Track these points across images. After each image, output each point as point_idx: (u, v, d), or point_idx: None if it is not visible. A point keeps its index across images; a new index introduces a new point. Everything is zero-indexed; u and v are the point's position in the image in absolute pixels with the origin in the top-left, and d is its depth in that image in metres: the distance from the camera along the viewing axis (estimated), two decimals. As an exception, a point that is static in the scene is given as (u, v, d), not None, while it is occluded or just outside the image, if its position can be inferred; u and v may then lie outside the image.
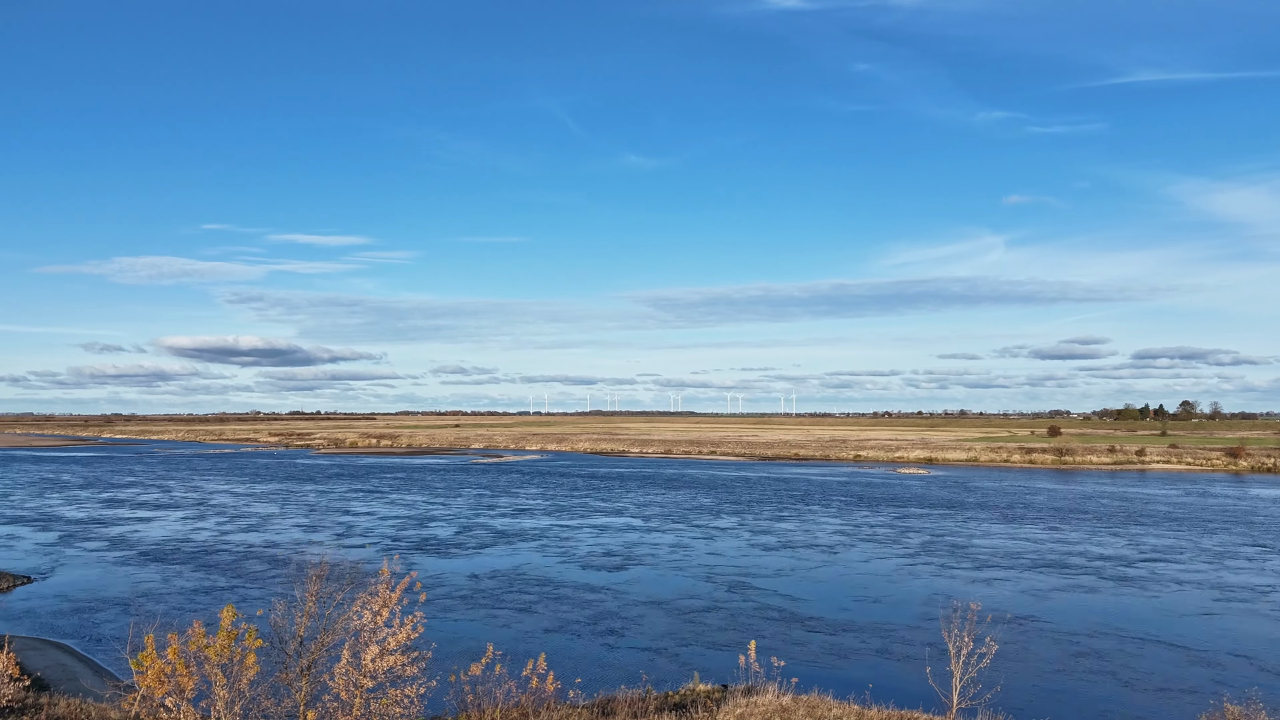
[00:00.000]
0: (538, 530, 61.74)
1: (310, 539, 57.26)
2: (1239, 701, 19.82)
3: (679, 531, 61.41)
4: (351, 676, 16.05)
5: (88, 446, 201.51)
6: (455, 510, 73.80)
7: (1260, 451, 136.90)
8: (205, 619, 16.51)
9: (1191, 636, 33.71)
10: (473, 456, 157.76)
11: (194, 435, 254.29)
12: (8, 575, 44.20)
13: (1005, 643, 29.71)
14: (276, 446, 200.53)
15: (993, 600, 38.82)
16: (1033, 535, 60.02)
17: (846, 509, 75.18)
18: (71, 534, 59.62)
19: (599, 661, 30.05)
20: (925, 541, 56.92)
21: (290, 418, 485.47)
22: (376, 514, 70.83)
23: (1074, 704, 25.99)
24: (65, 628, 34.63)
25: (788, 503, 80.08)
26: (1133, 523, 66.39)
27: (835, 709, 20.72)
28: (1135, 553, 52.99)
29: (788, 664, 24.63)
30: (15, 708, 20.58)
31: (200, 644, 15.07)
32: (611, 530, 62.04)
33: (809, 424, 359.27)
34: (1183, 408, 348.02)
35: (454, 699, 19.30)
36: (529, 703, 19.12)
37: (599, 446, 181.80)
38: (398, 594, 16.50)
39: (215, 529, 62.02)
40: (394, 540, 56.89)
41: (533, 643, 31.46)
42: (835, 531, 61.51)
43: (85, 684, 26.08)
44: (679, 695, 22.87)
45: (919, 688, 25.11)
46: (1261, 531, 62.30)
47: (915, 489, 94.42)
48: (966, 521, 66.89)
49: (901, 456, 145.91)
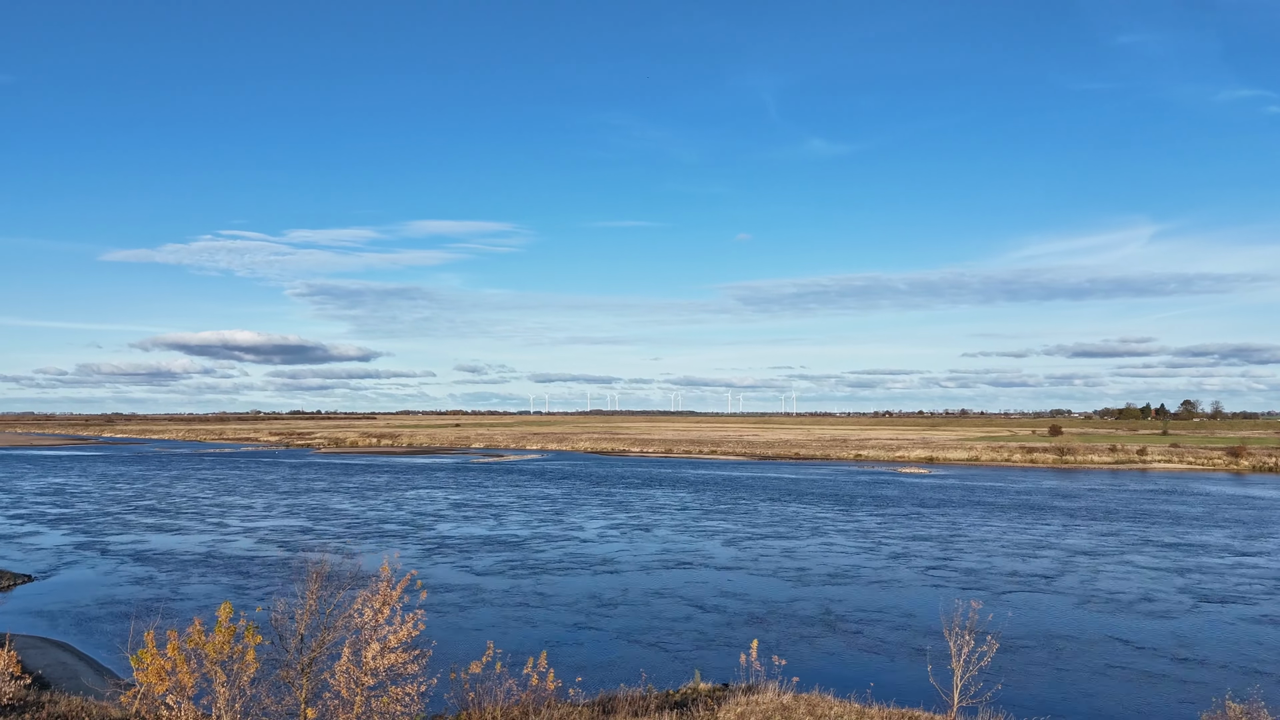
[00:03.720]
0: (537, 529, 61.72)
1: (310, 538, 57.24)
2: (1240, 700, 19.78)
3: (679, 530, 61.38)
4: (352, 674, 16.02)
5: (88, 446, 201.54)
6: (455, 510, 73.79)
7: (1262, 451, 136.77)
8: (205, 617, 16.49)
9: (1192, 635, 33.67)
10: (473, 456, 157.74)
11: (194, 435, 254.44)
12: (8, 574, 44.21)
13: (1007, 641, 29.70)
14: (277, 446, 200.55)
15: (994, 599, 38.78)
16: (1033, 534, 59.98)
17: (846, 508, 75.13)
18: (71, 533, 59.63)
19: (599, 660, 30.03)
20: (925, 541, 56.88)
21: (291, 417, 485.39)
22: (376, 514, 70.82)
23: (1075, 702, 25.96)
24: (66, 626, 34.63)
25: (788, 502, 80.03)
26: (1133, 521, 66.34)
27: (836, 707, 20.69)
28: (1135, 552, 52.95)
29: (789, 662, 24.58)
30: (16, 705, 20.58)
31: (200, 641, 15.05)
32: (611, 529, 62.01)
33: (809, 423, 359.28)
34: (1184, 407, 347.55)
35: (455, 697, 19.28)
36: (529, 701, 19.10)
37: (599, 446, 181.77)
38: (398, 592, 16.49)
39: (215, 528, 62.02)
40: (393, 539, 56.88)
41: (533, 641, 31.43)
42: (835, 531, 61.48)
43: (86, 682, 26.07)
44: (680, 694, 22.85)
45: (920, 686, 25.08)
46: (1261, 531, 62.26)
47: (916, 488, 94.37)
48: (967, 521, 66.84)
49: (902, 456, 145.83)
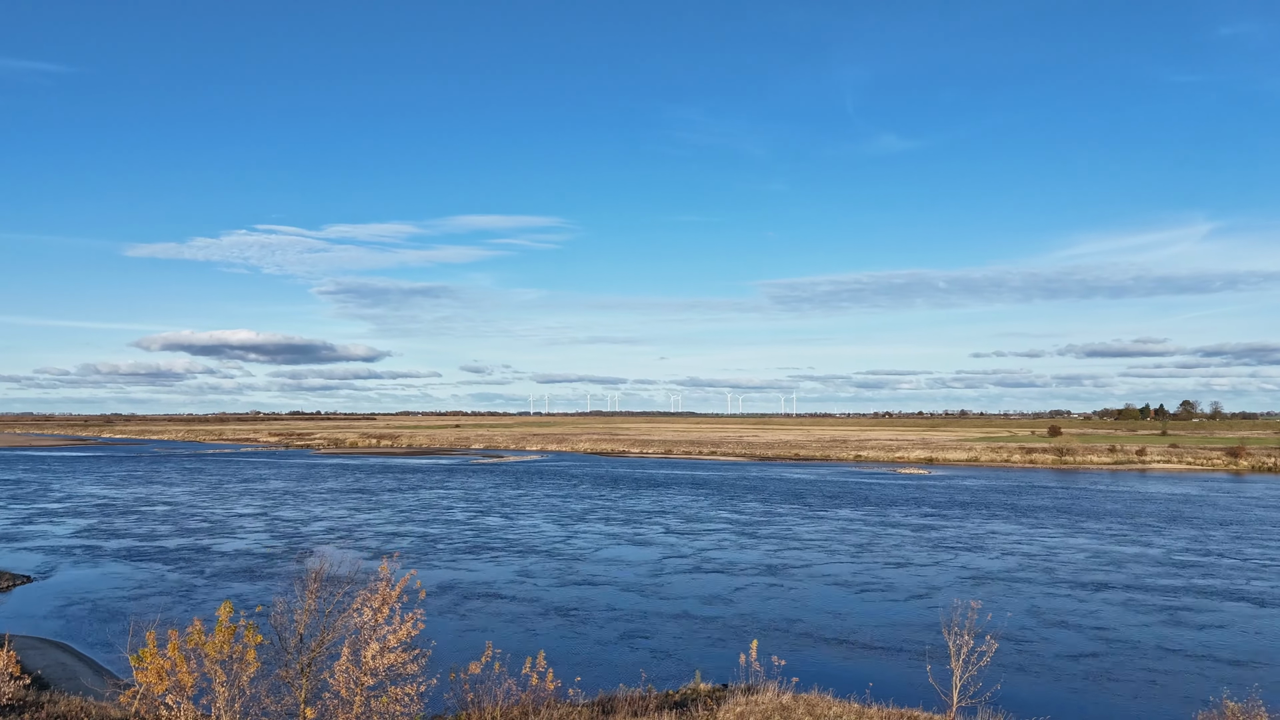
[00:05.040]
0: (536, 530, 61.71)
1: (309, 538, 57.23)
2: (1238, 699, 19.81)
3: (679, 531, 61.38)
4: (351, 674, 16.04)
5: (87, 446, 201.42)
6: (454, 510, 73.77)
7: (1260, 451, 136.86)
8: (205, 617, 16.50)
9: (1191, 635, 33.69)
10: (472, 457, 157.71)
11: (193, 435, 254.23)
12: (7, 574, 44.20)
13: (1006, 641, 29.71)
14: (276, 447, 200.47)
15: (993, 599, 38.79)
16: (1032, 535, 59.99)
17: (846, 509, 75.14)
18: (71, 533, 59.61)
19: (599, 660, 30.04)
20: (925, 540, 56.89)
21: (290, 418, 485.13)
22: (375, 514, 70.81)
23: (1074, 702, 25.98)
24: (65, 627, 34.63)
25: (787, 502, 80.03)
26: (1132, 522, 66.36)
27: (835, 707, 20.70)
28: (1136, 552, 52.97)
29: (788, 663, 24.59)
30: (16, 705, 20.58)
31: (200, 641, 15.05)
32: (611, 529, 62.00)
33: (809, 424, 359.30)
34: (1183, 407, 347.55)
35: (454, 697, 19.29)
36: (529, 701, 19.11)
37: (599, 447, 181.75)
38: (397, 592, 16.50)
39: (214, 529, 61.99)
40: (392, 539, 56.86)
41: (532, 641, 31.42)
42: (835, 531, 61.48)
43: (85, 682, 26.07)
44: (679, 694, 22.86)
45: (919, 686, 25.10)
46: (1261, 531, 62.28)
47: (915, 489, 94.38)
48: (966, 521, 66.86)
49: (902, 457, 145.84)
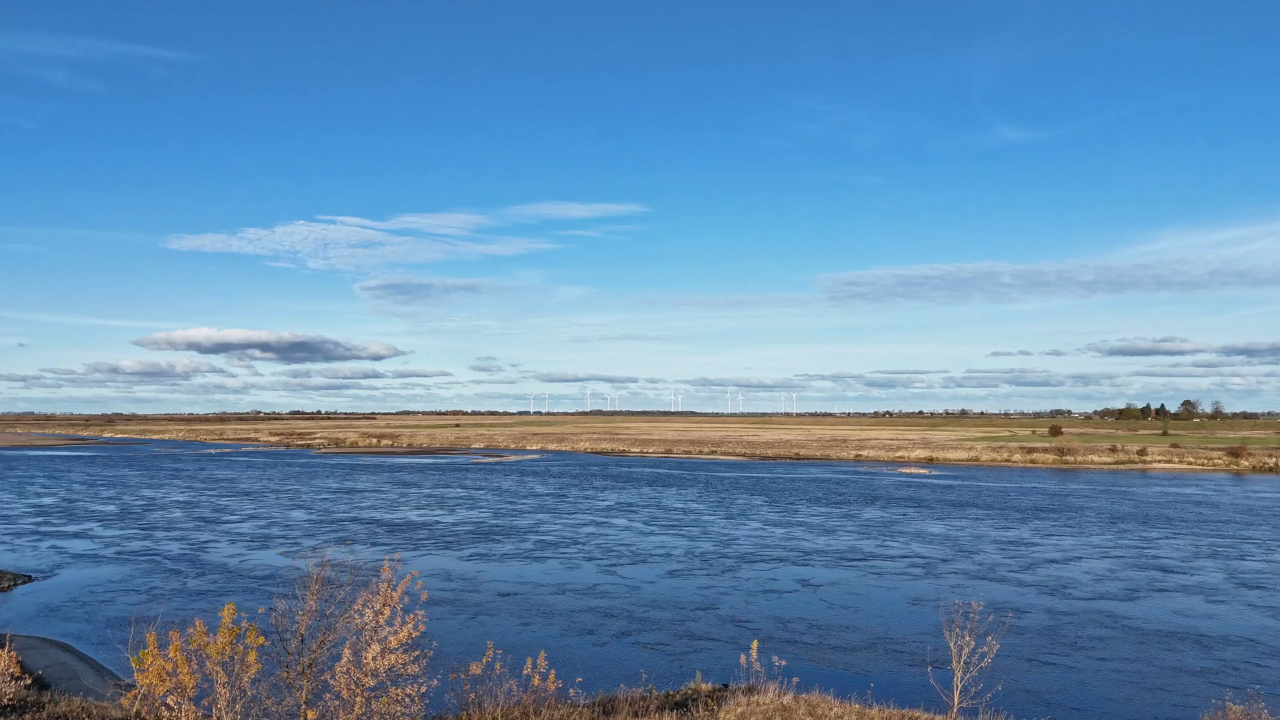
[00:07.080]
0: (537, 530, 61.70)
1: (310, 538, 57.23)
2: (1241, 701, 19.78)
3: (679, 531, 61.37)
4: (353, 675, 16.02)
5: (87, 446, 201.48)
6: (454, 510, 73.79)
7: (1261, 451, 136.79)
8: (206, 618, 16.48)
9: (1193, 636, 33.66)
10: (472, 456, 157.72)
11: (194, 435, 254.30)
12: (8, 574, 44.19)
13: (1007, 642, 29.68)
14: (277, 446, 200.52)
15: (994, 599, 38.77)
16: (1033, 535, 59.97)
17: (846, 508, 75.13)
18: (72, 534, 59.62)
19: (600, 660, 30.02)
20: (926, 541, 56.87)
21: (291, 417, 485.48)
22: (376, 514, 70.82)
23: (1076, 703, 25.95)
24: (66, 627, 34.62)
25: (788, 502, 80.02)
26: (1133, 522, 66.34)
27: (836, 708, 20.68)
28: (1137, 552, 52.95)
29: (789, 663, 24.59)
30: (16, 706, 20.57)
31: (202, 642, 15.04)
32: (611, 529, 62.00)
33: (809, 423, 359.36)
34: (1184, 407, 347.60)
35: (455, 698, 19.27)
36: (530, 701, 19.09)
37: (599, 446, 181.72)
38: (399, 593, 16.47)
39: (214, 529, 62.00)
40: (392, 539, 56.87)
41: (533, 642, 31.41)
42: (835, 531, 61.47)
43: (86, 683, 26.05)
44: (680, 694, 22.84)
45: (920, 687, 25.09)
46: (1261, 531, 62.26)
47: (915, 488, 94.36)
48: (967, 521, 66.84)
49: (902, 456, 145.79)
